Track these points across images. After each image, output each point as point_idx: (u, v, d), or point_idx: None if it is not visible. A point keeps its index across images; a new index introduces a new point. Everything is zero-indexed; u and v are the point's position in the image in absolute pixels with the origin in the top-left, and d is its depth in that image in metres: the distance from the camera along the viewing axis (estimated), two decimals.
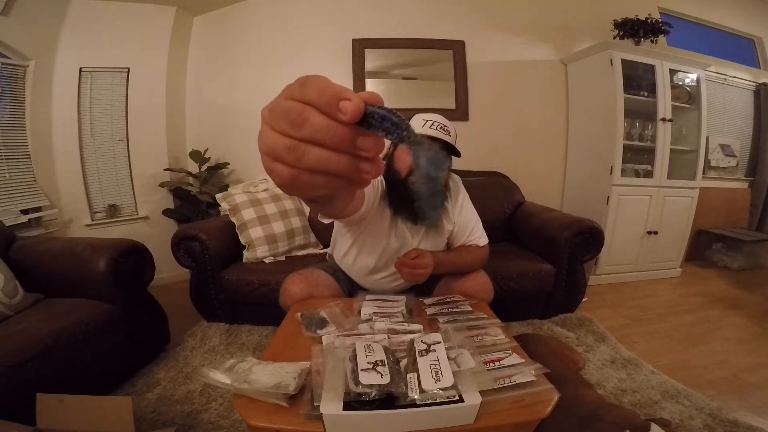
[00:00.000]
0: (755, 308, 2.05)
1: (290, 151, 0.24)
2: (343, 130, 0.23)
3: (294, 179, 0.25)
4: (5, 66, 1.93)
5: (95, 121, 2.28)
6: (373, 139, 0.24)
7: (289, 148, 0.24)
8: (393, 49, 2.50)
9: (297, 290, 1.14)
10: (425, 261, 1.05)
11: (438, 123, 1.03)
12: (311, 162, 0.24)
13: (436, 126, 1.03)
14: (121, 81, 2.30)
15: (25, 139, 2.02)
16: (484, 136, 2.59)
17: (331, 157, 0.24)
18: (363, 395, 0.57)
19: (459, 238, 1.22)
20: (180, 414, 1.14)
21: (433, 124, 1.03)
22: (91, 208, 2.31)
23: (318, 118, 0.23)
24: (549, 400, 0.63)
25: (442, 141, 1.02)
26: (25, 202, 1.97)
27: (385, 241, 1.12)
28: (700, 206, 2.57)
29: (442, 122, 1.04)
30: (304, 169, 0.24)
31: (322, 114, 0.23)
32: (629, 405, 1.17)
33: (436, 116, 1.06)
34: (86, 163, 2.27)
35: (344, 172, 0.25)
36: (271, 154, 0.25)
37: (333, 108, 0.23)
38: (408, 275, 1.05)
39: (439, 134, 1.02)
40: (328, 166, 0.24)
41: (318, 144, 0.23)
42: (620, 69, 2.23)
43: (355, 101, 0.23)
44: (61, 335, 1.09)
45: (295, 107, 0.23)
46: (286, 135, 0.24)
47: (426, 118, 1.05)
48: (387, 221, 1.10)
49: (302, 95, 0.23)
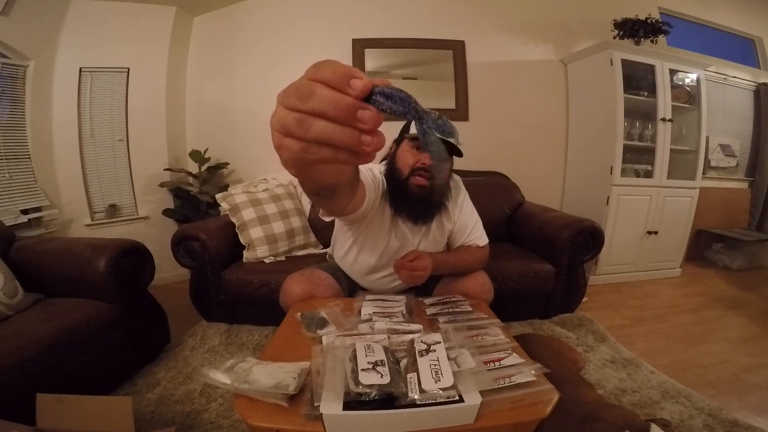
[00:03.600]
0: (755, 308, 2.05)
1: (299, 123, 0.26)
2: (346, 102, 0.25)
3: (303, 151, 0.27)
4: (5, 66, 1.93)
5: (95, 121, 2.28)
6: (372, 113, 0.26)
7: (298, 120, 0.26)
8: (393, 49, 2.50)
9: (298, 290, 1.13)
10: (424, 263, 1.04)
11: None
12: (318, 132, 0.26)
13: None
14: (121, 81, 2.30)
15: (25, 139, 2.02)
16: (484, 136, 2.59)
17: (335, 129, 0.26)
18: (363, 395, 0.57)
19: (459, 238, 1.21)
20: (180, 414, 1.14)
21: None
22: (91, 208, 2.31)
23: (324, 91, 0.25)
24: (549, 400, 0.63)
25: (445, 141, 1.01)
26: (25, 202, 1.98)
27: (385, 241, 1.12)
28: (700, 206, 2.57)
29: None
30: (311, 140, 0.26)
31: (328, 88, 0.25)
32: (629, 405, 1.17)
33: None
34: (86, 163, 2.27)
35: (348, 143, 0.26)
36: (282, 129, 0.27)
37: (344, 84, 0.25)
38: (406, 277, 1.05)
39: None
40: (332, 137, 0.26)
41: (323, 117, 0.26)
42: (620, 69, 2.23)
43: (365, 79, 0.25)
44: (61, 335, 1.09)
45: (304, 83, 0.26)
46: (296, 109, 0.26)
47: None
48: (387, 221, 1.10)
49: (316, 74, 0.26)
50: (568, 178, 2.74)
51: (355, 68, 0.26)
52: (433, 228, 1.16)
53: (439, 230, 1.17)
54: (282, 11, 2.48)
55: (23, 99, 2.02)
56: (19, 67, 1.98)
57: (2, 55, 1.92)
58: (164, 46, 2.35)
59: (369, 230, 1.11)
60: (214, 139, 2.52)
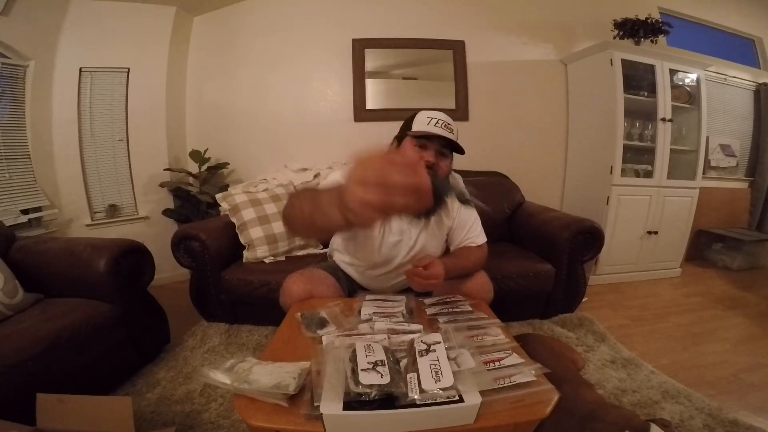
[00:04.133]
0: (755, 308, 2.05)
1: (382, 190, 0.44)
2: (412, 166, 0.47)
3: (386, 205, 0.45)
4: (5, 66, 1.93)
5: (95, 121, 2.28)
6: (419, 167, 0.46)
7: (381, 189, 0.44)
8: (393, 49, 2.50)
9: (297, 289, 1.13)
10: (437, 271, 1.02)
11: (442, 121, 1.06)
12: (396, 188, 0.45)
13: (441, 124, 1.05)
14: (121, 81, 2.30)
15: (25, 139, 2.03)
16: (484, 136, 2.59)
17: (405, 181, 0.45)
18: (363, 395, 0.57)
19: (458, 235, 1.22)
20: (180, 414, 1.14)
21: (438, 122, 1.05)
22: (91, 208, 2.31)
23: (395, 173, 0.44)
24: (549, 401, 0.63)
25: (446, 138, 1.04)
26: (25, 202, 1.98)
27: (382, 236, 1.13)
28: (700, 206, 2.57)
29: (446, 120, 1.07)
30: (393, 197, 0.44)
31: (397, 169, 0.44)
32: (629, 405, 1.17)
33: (440, 114, 1.08)
34: (86, 163, 2.28)
35: (413, 182, 0.45)
36: (371, 198, 0.45)
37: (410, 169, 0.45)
38: (418, 285, 1.03)
39: (443, 132, 1.04)
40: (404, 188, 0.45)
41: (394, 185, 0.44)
42: (620, 69, 2.23)
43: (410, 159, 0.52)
44: (61, 335, 1.09)
45: (377, 173, 0.45)
46: (378, 184, 0.44)
47: (431, 116, 1.07)
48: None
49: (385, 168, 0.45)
50: (568, 178, 2.74)
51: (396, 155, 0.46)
52: (432, 223, 1.16)
53: (438, 225, 1.18)
54: (282, 11, 2.48)
55: (23, 99, 2.02)
56: (19, 67, 1.99)
57: (2, 55, 1.92)
58: (164, 46, 2.35)
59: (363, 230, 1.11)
60: (214, 139, 2.52)
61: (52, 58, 2.11)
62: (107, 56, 2.25)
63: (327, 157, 2.38)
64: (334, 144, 2.49)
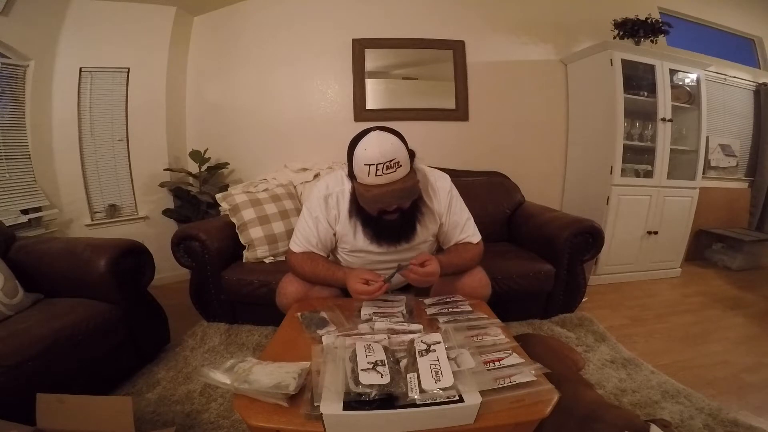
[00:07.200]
0: (755, 308, 2.05)
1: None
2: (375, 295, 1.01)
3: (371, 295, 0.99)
4: (5, 66, 1.93)
5: (95, 121, 2.28)
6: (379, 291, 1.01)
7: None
8: (393, 49, 2.50)
9: (293, 289, 1.14)
10: (433, 268, 1.04)
11: (383, 164, 0.92)
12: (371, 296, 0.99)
13: (381, 168, 0.92)
14: (121, 81, 2.30)
15: (25, 139, 2.02)
16: (484, 136, 2.59)
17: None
18: (363, 395, 0.57)
19: (452, 235, 1.22)
20: (180, 414, 1.14)
21: (378, 168, 0.92)
22: (91, 208, 2.31)
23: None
24: (549, 400, 0.63)
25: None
26: (25, 202, 1.98)
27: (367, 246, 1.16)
28: (700, 206, 2.57)
29: (384, 156, 0.92)
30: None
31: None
32: (629, 405, 1.17)
33: (376, 150, 0.93)
34: (86, 163, 2.27)
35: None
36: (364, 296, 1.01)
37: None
38: (415, 281, 1.07)
39: (383, 179, 0.93)
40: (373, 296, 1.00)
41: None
42: (620, 69, 2.23)
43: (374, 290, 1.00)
44: (61, 335, 1.09)
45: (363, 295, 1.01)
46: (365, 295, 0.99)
47: (368, 161, 0.93)
48: (359, 229, 1.14)
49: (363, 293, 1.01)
50: (568, 178, 2.74)
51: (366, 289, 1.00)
52: (417, 231, 1.15)
53: (422, 229, 1.16)
54: (282, 11, 2.47)
55: (23, 99, 2.01)
56: (19, 67, 1.98)
57: (2, 55, 1.92)
58: (164, 46, 2.35)
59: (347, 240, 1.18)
60: (214, 139, 2.51)
61: (52, 58, 2.11)
62: (107, 56, 2.25)
63: (327, 157, 2.38)
64: (334, 144, 2.46)
